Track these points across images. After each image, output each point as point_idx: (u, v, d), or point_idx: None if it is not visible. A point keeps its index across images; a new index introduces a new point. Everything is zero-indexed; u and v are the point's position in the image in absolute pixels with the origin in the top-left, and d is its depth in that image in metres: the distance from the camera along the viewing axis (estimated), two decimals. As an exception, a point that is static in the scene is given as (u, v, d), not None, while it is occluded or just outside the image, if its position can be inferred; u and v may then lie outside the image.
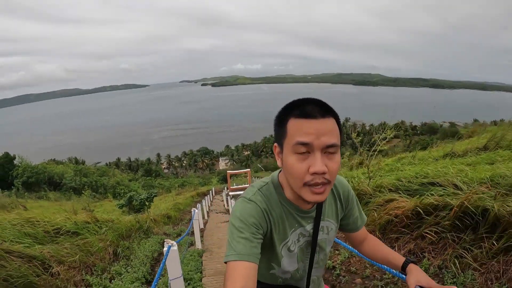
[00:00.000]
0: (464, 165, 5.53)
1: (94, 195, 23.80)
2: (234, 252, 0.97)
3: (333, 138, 0.96)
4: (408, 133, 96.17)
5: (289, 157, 0.98)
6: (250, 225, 1.02)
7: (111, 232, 4.59)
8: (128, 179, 39.37)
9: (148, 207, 8.98)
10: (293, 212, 1.13)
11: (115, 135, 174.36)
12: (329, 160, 0.96)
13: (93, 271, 3.38)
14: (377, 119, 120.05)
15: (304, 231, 1.17)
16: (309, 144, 0.94)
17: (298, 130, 0.96)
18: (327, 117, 0.97)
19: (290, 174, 1.00)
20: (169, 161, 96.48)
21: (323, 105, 1.00)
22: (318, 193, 0.97)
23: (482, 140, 7.97)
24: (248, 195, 1.12)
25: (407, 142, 70.31)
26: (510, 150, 6.36)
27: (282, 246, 1.15)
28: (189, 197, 17.73)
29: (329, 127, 0.96)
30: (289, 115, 1.00)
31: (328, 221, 1.22)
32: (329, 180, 0.97)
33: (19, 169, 30.34)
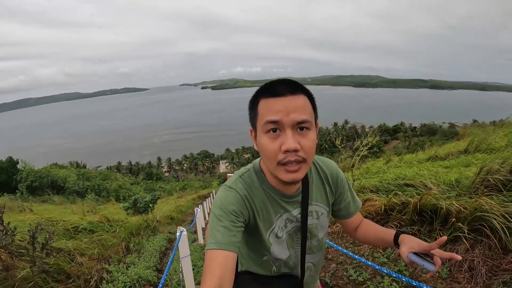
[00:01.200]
0: (442, 168, 6.08)
1: (97, 199, 24.32)
2: (213, 240, 0.97)
3: (303, 114, 0.95)
4: (407, 135, 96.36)
5: (262, 137, 0.98)
6: (229, 213, 1.02)
7: (123, 230, 5.19)
8: (130, 182, 39.84)
9: (152, 209, 9.54)
10: (276, 198, 1.12)
11: (115, 139, 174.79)
12: (301, 137, 0.95)
13: (110, 262, 3.92)
14: (376, 121, 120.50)
15: (290, 216, 1.15)
16: (278, 122, 0.93)
17: (267, 109, 0.96)
18: (297, 94, 0.96)
19: (264, 154, 1.00)
20: (170, 165, 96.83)
21: (292, 83, 0.99)
22: (292, 171, 0.96)
23: (464, 144, 8.48)
24: (229, 182, 1.12)
25: (406, 143, 70.91)
26: (486, 153, 6.88)
27: (269, 233, 1.13)
28: (190, 199, 18.28)
29: (299, 104, 0.95)
30: (259, 96, 1.00)
31: (317, 205, 1.20)
32: (304, 158, 0.96)
33: (23, 173, 30.76)
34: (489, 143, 7.55)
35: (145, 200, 9.66)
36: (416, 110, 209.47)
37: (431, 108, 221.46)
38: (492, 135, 9.02)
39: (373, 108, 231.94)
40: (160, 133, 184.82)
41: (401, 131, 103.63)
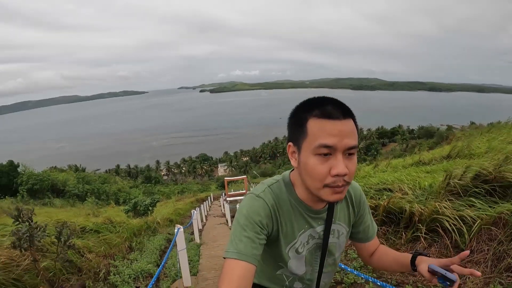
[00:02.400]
0: (424, 173, 6.51)
1: (97, 202, 24.67)
2: (235, 250, 0.95)
3: (354, 139, 0.95)
4: (405, 137, 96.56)
5: (310, 158, 0.96)
6: (255, 223, 1.00)
7: (125, 231, 5.63)
8: (129, 186, 40.19)
9: (152, 211, 9.97)
10: (303, 212, 1.10)
11: (114, 142, 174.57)
12: (348, 162, 0.95)
13: (115, 259, 4.35)
14: (375, 124, 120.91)
15: (314, 233, 1.14)
16: (332, 147, 0.92)
17: (321, 131, 0.93)
18: (348, 118, 0.96)
19: (310, 175, 0.97)
20: (168, 168, 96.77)
21: (343, 106, 0.98)
22: (338, 193, 0.96)
23: (447, 149, 8.93)
24: (257, 191, 1.09)
25: (404, 146, 71.25)
26: (467, 158, 7.32)
27: (289, 248, 1.12)
28: (188, 203, 18.68)
29: (350, 129, 0.95)
30: (308, 114, 0.97)
31: (339, 225, 1.19)
32: (348, 182, 0.96)
33: (24, 176, 31.03)
34: (471, 148, 8.00)
35: (145, 203, 10.10)
36: (414, 112, 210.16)
37: (429, 111, 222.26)
38: (476, 141, 9.50)
39: (371, 111, 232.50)
40: (159, 136, 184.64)
41: (399, 134, 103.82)
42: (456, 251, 3.01)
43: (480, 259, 2.81)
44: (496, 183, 3.55)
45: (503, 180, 3.56)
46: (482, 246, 2.89)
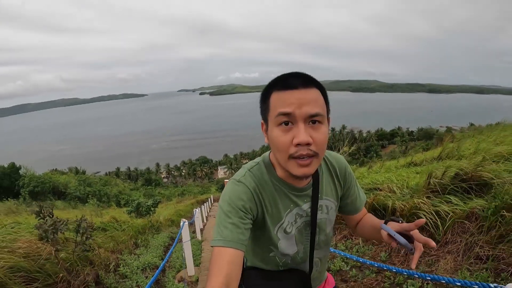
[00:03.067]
0: (414, 173, 6.83)
1: (98, 204, 24.93)
2: (220, 237, 0.95)
3: (316, 107, 0.93)
4: (404, 139, 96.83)
5: (273, 130, 0.96)
6: (238, 209, 0.99)
7: (131, 229, 5.97)
8: (130, 188, 40.47)
9: (154, 212, 10.31)
10: (286, 191, 1.09)
11: (113, 145, 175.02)
12: (314, 131, 0.93)
13: (122, 254, 4.67)
14: (374, 126, 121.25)
15: (300, 211, 1.12)
16: (290, 114, 0.92)
17: (280, 102, 0.94)
18: (310, 87, 0.95)
19: (275, 147, 0.98)
20: (168, 171, 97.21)
21: (305, 76, 0.97)
22: (304, 165, 0.94)
23: (438, 151, 9.27)
24: (237, 176, 1.09)
25: (403, 148, 71.46)
26: (456, 159, 7.63)
27: (277, 229, 1.11)
28: (189, 204, 19.02)
29: (311, 97, 0.94)
30: (271, 88, 0.99)
31: (327, 200, 1.17)
32: (315, 152, 0.94)
33: (25, 178, 31.28)
34: (461, 150, 8.32)
35: (147, 204, 10.44)
36: (414, 114, 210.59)
37: (428, 112, 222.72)
38: (467, 142, 9.83)
39: (371, 113, 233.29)
40: (159, 139, 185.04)
41: (398, 136, 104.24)
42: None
43: (453, 249, 3.13)
44: (473, 182, 3.88)
45: (479, 178, 3.89)
46: (455, 238, 3.22)
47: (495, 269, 2.62)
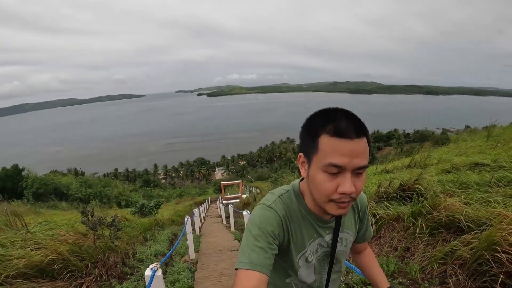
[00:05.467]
0: (384, 180, 7.92)
1: (100, 205, 25.88)
2: (247, 260, 0.95)
3: (365, 159, 0.94)
4: (400, 141, 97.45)
5: (318, 174, 0.95)
6: (267, 234, 1.00)
7: (140, 226, 7.13)
8: (129, 189, 41.32)
9: (156, 212, 11.44)
10: (312, 222, 1.12)
11: (111, 146, 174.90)
12: (356, 179, 0.94)
13: (136, 245, 5.80)
14: (371, 128, 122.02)
15: (322, 242, 1.16)
16: (342, 167, 0.91)
17: (332, 150, 0.92)
18: (361, 137, 0.93)
19: (317, 190, 0.98)
20: (166, 172, 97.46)
21: (357, 122, 0.95)
22: (343, 208, 0.97)
23: (408, 160, 10.38)
24: (268, 202, 1.10)
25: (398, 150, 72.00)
26: (421, 168, 8.72)
27: (299, 257, 1.13)
28: (187, 205, 20.13)
29: (362, 149, 0.93)
30: (321, 129, 0.95)
31: (347, 233, 1.22)
32: (354, 198, 0.96)
33: (28, 180, 32.02)
34: (426, 159, 9.42)
35: (150, 205, 11.60)
36: (411, 116, 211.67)
37: (425, 114, 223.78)
38: (437, 151, 10.96)
39: (368, 115, 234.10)
40: (156, 140, 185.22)
41: (394, 138, 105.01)
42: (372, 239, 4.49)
43: (382, 242, 4.27)
44: (409, 192, 5.03)
45: (415, 189, 5.03)
46: (385, 234, 4.36)
47: (402, 256, 3.76)
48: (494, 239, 2.73)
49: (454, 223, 3.55)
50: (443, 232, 3.62)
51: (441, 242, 3.47)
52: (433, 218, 3.76)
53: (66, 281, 3.18)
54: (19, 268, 2.95)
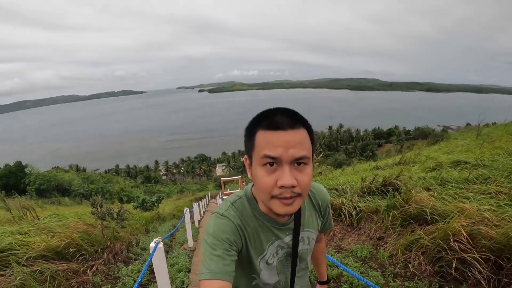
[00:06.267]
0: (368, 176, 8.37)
1: (102, 201, 26.36)
2: (207, 270, 0.95)
3: (302, 150, 0.91)
4: (401, 138, 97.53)
5: (257, 170, 0.95)
6: (223, 241, 1.00)
7: (142, 219, 7.60)
8: (131, 185, 41.86)
9: (157, 207, 11.95)
10: (269, 225, 1.11)
11: (112, 143, 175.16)
12: (299, 173, 0.92)
13: (138, 236, 6.26)
14: (372, 124, 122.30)
15: (282, 243, 1.15)
16: (277, 158, 0.90)
17: (266, 143, 0.92)
18: (297, 128, 0.92)
19: (258, 187, 0.97)
20: (167, 168, 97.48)
21: (293, 115, 0.95)
22: (287, 204, 0.94)
23: (398, 157, 10.82)
24: (221, 210, 1.09)
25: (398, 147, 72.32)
26: (410, 165, 9.15)
27: (259, 260, 1.13)
28: (188, 201, 20.63)
29: (298, 139, 0.91)
30: (257, 126, 0.96)
31: (308, 231, 1.21)
32: (299, 193, 0.93)
33: (31, 176, 32.46)
34: (416, 157, 9.87)
35: (151, 200, 12.11)
36: (412, 113, 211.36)
37: (426, 111, 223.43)
38: (427, 150, 11.41)
39: (368, 112, 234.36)
40: (157, 137, 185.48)
41: (394, 135, 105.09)
42: (351, 228, 4.94)
43: (361, 232, 4.72)
44: (390, 187, 5.47)
45: (395, 185, 5.46)
46: (364, 225, 4.80)
47: (376, 244, 4.20)
48: (451, 230, 3.16)
49: (422, 215, 3.98)
50: (413, 223, 4.06)
51: (410, 232, 3.91)
52: (405, 211, 4.19)
53: (79, 263, 3.64)
54: (39, 251, 3.41)
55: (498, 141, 8.54)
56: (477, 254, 2.82)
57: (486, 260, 2.80)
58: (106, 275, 3.76)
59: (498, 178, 4.60)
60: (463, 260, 2.91)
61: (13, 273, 2.98)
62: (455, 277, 2.90)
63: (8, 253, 3.33)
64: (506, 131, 10.64)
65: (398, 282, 3.13)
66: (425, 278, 3.04)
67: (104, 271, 3.79)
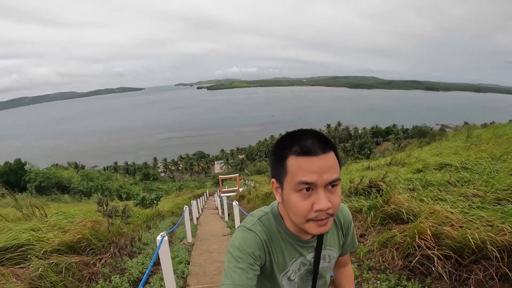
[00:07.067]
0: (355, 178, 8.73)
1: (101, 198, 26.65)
2: (229, 281, 0.97)
3: (335, 173, 0.94)
4: (399, 136, 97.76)
5: (291, 195, 0.96)
6: (248, 255, 1.02)
7: (143, 216, 8.02)
8: (130, 183, 42.13)
9: (156, 204, 12.36)
10: (293, 243, 1.13)
11: (111, 140, 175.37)
12: (331, 195, 0.95)
13: (140, 232, 6.66)
14: (370, 123, 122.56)
15: (305, 261, 1.17)
16: (313, 183, 0.92)
17: (300, 169, 0.93)
18: (328, 152, 0.95)
19: (293, 212, 0.98)
20: (166, 165, 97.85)
21: (322, 138, 0.97)
22: (322, 225, 0.97)
23: (389, 158, 11.22)
24: (248, 224, 1.11)
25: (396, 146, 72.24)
26: (400, 166, 9.55)
27: (282, 276, 1.15)
28: (186, 198, 21.05)
29: (330, 163, 0.94)
30: (287, 151, 0.97)
31: (330, 250, 1.23)
32: (332, 214, 0.97)
33: (31, 174, 32.68)
34: (406, 158, 10.26)
35: (151, 198, 12.53)
36: (411, 111, 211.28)
37: (425, 110, 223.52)
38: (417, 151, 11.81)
39: (367, 110, 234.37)
40: (157, 134, 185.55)
41: (392, 133, 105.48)
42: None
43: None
44: (374, 188, 5.87)
45: (379, 186, 5.87)
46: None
47: (358, 241, 4.60)
48: (418, 229, 3.56)
49: (400, 215, 4.38)
50: (391, 222, 4.47)
51: (387, 230, 4.31)
52: (384, 211, 4.60)
53: (89, 256, 4.04)
54: (54, 246, 3.81)
55: (485, 144, 8.85)
56: (439, 251, 3.19)
57: (448, 257, 3.17)
58: (114, 267, 4.17)
59: (477, 182, 4.85)
60: (429, 256, 3.30)
61: (33, 265, 3.38)
62: (421, 271, 3.30)
63: (26, 248, 3.74)
64: (494, 134, 11.00)
65: (372, 274, 3.55)
66: (396, 271, 3.44)
67: (111, 264, 4.19)
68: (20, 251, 3.70)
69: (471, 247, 3.02)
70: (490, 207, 3.74)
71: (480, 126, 18.36)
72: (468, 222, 3.41)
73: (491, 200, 3.97)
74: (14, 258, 3.60)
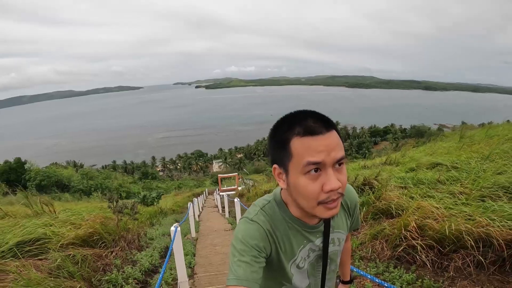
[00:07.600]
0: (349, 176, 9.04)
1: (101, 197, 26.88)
2: (234, 276, 0.94)
3: (341, 150, 0.92)
4: (397, 136, 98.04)
5: (299, 179, 0.92)
6: (251, 247, 0.99)
7: (146, 213, 8.34)
8: (129, 181, 42.39)
9: (157, 202, 12.68)
10: (300, 229, 1.09)
11: (109, 138, 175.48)
12: (339, 174, 0.92)
13: (145, 228, 6.97)
14: (368, 122, 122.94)
15: (314, 246, 1.13)
16: (321, 163, 0.89)
17: (306, 150, 0.90)
18: (331, 130, 0.92)
19: (302, 195, 0.94)
20: (164, 164, 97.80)
21: (324, 117, 0.95)
22: (332, 208, 0.93)
23: (384, 158, 11.52)
24: (250, 215, 1.07)
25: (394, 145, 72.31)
26: (394, 165, 9.86)
27: (290, 264, 1.11)
28: (186, 197, 21.36)
29: (335, 141, 0.92)
30: (289, 134, 0.93)
31: (338, 232, 1.19)
32: (342, 193, 0.94)
33: (31, 173, 32.87)
34: (400, 157, 10.57)
35: (152, 196, 12.84)
36: (409, 111, 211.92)
37: (423, 110, 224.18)
38: (412, 151, 12.12)
39: (365, 109, 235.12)
40: (155, 133, 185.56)
41: (391, 133, 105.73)
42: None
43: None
44: (369, 186, 6.19)
45: (373, 183, 6.19)
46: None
47: (351, 234, 4.90)
48: (405, 222, 3.88)
49: (389, 210, 4.71)
50: (382, 217, 4.80)
51: (378, 224, 4.63)
52: (376, 206, 4.93)
53: (101, 249, 4.35)
54: (69, 239, 4.12)
55: (477, 145, 9.16)
56: (423, 241, 3.53)
57: (431, 247, 3.50)
58: (124, 259, 4.48)
59: (464, 180, 5.09)
60: (414, 246, 3.62)
61: (51, 257, 3.69)
62: (407, 259, 3.63)
63: (43, 241, 4.05)
64: (487, 134, 11.31)
65: (363, 262, 3.88)
66: (385, 260, 3.77)
67: (122, 256, 4.49)
68: (37, 244, 4.00)
69: (451, 238, 3.35)
70: (474, 203, 4.02)
71: (478, 126, 18.64)
72: (451, 216, 3.69)
73: (475, 197, 4.24)
74: (32, 251, 3.90)
